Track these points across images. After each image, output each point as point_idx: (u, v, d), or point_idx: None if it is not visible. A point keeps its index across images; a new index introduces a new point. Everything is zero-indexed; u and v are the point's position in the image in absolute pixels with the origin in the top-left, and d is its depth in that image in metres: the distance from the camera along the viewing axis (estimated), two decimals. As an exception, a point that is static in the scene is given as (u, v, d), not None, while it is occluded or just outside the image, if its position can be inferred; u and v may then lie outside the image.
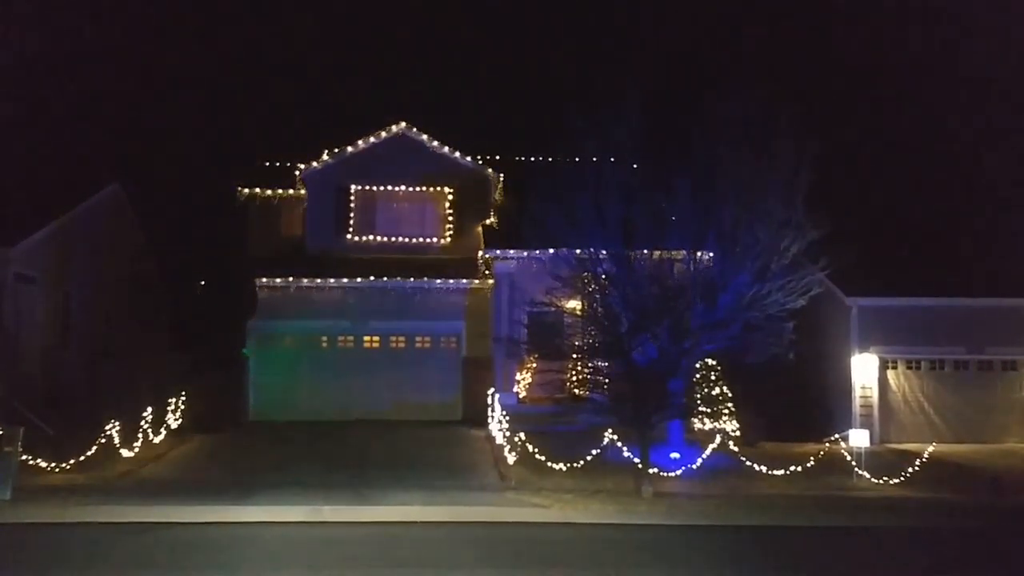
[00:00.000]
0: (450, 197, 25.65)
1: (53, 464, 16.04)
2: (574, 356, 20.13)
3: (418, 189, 25.68)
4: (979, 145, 35.16)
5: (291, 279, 23.58)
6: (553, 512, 14.59)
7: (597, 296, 17.47)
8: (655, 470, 16.66)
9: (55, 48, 37.62)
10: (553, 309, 19.07)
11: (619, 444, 17.41)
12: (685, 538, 13.18)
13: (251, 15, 53.30)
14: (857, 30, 48.94)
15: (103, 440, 16.95)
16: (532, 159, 27.08)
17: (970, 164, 33.29)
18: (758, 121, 18.03)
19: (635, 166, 18.11)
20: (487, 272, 23.90)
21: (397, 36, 54.26)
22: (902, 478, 17.42)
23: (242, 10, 53.10)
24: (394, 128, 25.71)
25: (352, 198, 25.56)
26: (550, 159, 25.43)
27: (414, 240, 25.55)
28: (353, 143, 25.67)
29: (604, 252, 17.60)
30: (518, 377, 23.04)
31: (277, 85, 46.55)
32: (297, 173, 25.60)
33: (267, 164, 27.56)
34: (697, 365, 17.35)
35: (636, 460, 16.65)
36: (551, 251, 19.48)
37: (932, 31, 45.52)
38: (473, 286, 24.01)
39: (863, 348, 22.87)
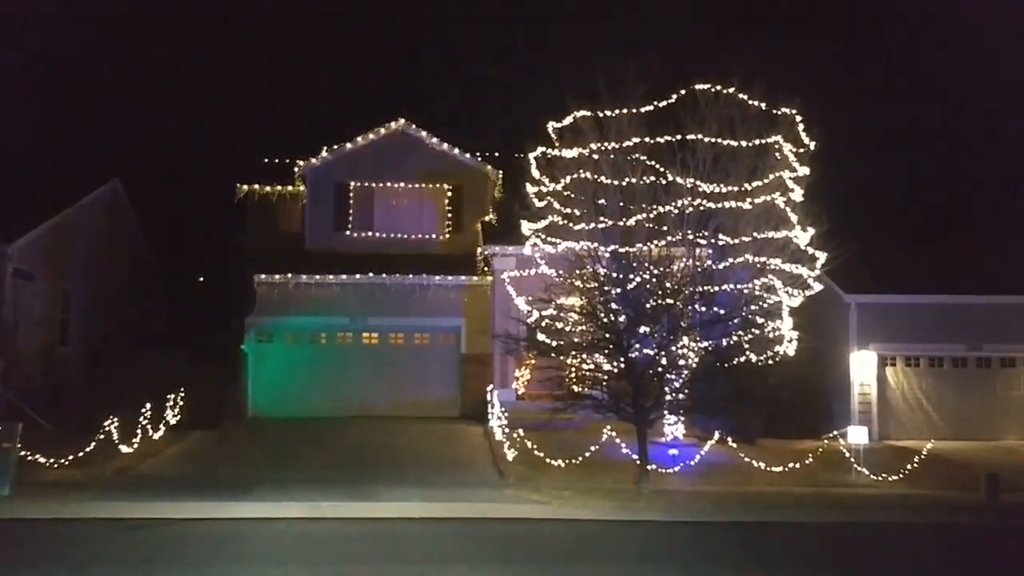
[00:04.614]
0: (449, 194, 25.65)
1: (52, 460, 16.02)
2: (573, 353, 20.11)
3: (417, 186, 25.68)
4: (979, 142, 35.19)
5: (290, 275, 23.55)
6: (552, 508, 14.59)
7: (596, 292, 17.47)
8: (654, 466, 16.67)
9: (55, 45, 37.61)
10: (552, 306, 19.05)
11: (618, 441, 17.42)
12: (683, 534, 13.19)
13: (250, 11, 53.26)
14: (858, 25, 48.95)
15: (102, 436, 16.94)
16: (532, 155, 26.98)
17: (970, 161, 33.33)
18: (758, 116, 18.06)
19: (634, 162, 18.11)
20: (486, 269, 23.89)
21: (397, 32, 54.23)
22: (900, 475, 17.42)
23: (241, 6, 53.04)
24: (393, 125, 25.70)
25: (351, 194, 25.55)
26: (550, 156, 25.37)
27: (413, 237, 25.53)
28: (352, 140, 25.66)
29: (603, 249, 17.60)
30: (517, 374, 23.05)
31: (277, 81, 46.55)
32: (296, 170, 25.58)
33: (266, 160, 27.54)
34: (696, 361, 17.36)
35: (635, 456, 16.65)
36: (551, 248, 19.48)
37: (934, 27, 45.53)
38: (472, 283, 24.00)
39: (862, 345, 22.88)
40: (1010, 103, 36.85)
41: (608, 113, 18.05)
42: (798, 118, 18.46)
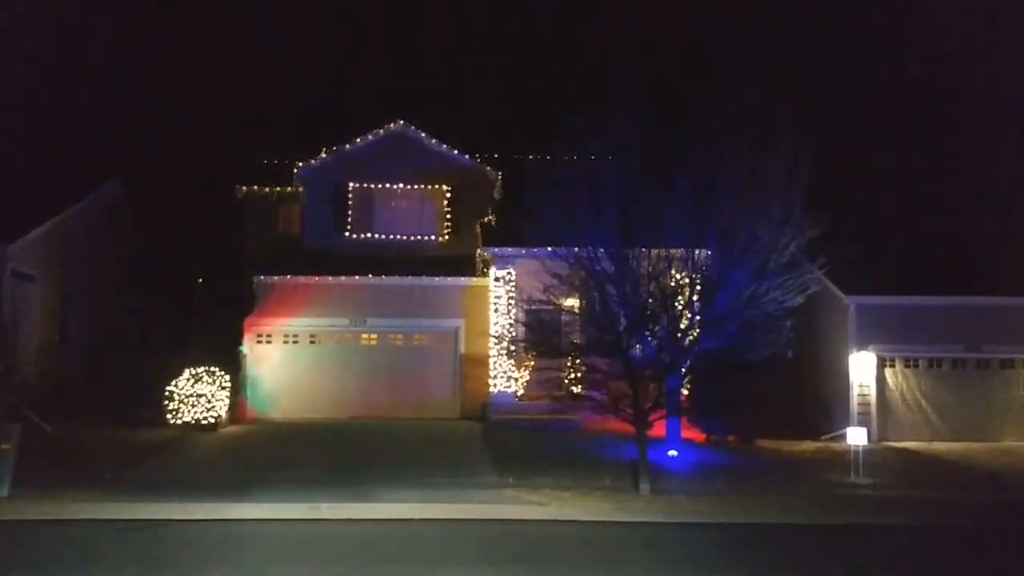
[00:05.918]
0: (448, 195, 25.66)
1: (51, 461, 16.02)
2: (572, 354, 20.12)
3: (416, 187, 25.70)
4: (978, 143, 35.17)
5: (289, 276, 23.57)
6: (551, 509, 14.60)
7: (595, 294, 17.48)
8: (652, 468, 16.67)
9: (55, 45, 37.60)
10: (551, 307, 19.07)
11: (617, 442, 17.43)
12: (683, 535, 13.20)
13: (250, 12, 53.27)
14: (856, 27, 48.94)
15: (101, 437, 16.94)
16: (531, 157, 27.04)
17: (969, 162, 33.30)
18: (757, 119, 18.07)
19: (634, 164, 18.12)
20: (485, 270, 23.90)
21: (396, 33, 54.22)
22: (899, 476, 17.43)
23: (240, 7, 53.09)
24: (392, 126, 25.72)
25: (350, 196, 25.58)
26: (549, 157, 25.40)
27: (412, 238, 25.56)
28: (351, 141, 25.68)
29: (603, 250, 17.61)
30: (516, 375, 23.05)
31: (276, 82, 46.51)
32: (295, 171, 25.60)
33: (265, 162, 27.56)
34: (695, 362, 17.37)
35: (634, 458, 16.66)
36: (550, 249, 19.49)
37: (933, 27, 45.53)
38: (471, 284, 24.00)
39: (861, 346, 22.87)
40: (1011, 102, 36.84)
41: (608, 113, 18.07)
42: (797, 117, 18.47)
